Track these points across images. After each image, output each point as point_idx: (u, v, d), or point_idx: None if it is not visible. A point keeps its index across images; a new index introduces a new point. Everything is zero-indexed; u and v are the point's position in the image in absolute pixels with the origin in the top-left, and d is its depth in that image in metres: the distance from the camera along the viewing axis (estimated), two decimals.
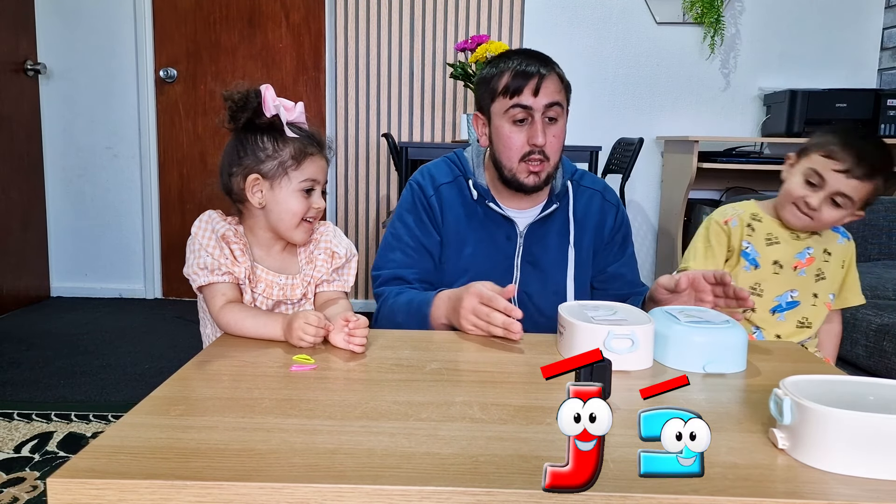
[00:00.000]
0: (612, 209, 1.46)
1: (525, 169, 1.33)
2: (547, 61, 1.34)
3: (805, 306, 1.42)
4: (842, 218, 1.39)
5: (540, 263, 1.40)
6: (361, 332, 1.00)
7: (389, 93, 3.48)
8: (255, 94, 1.09)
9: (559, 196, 1.41)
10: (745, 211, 1.46)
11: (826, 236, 1.46)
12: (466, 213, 1.41)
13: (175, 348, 2.83)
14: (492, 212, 1.40)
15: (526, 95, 1.30)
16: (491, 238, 1.40)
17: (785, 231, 1.44)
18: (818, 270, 1.43)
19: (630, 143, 3.05)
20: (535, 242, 1.40)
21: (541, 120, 1.31)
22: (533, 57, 1.34)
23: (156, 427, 0.71)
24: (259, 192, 1.12)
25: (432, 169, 1.46)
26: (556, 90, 1.31)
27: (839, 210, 1.36)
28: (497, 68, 1.34)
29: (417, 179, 1.45)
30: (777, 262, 1.41)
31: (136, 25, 3.47)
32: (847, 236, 1.49)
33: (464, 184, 1.42)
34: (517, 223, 1.40)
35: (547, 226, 1.41)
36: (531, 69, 1.30)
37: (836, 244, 1.46)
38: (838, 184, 1.34)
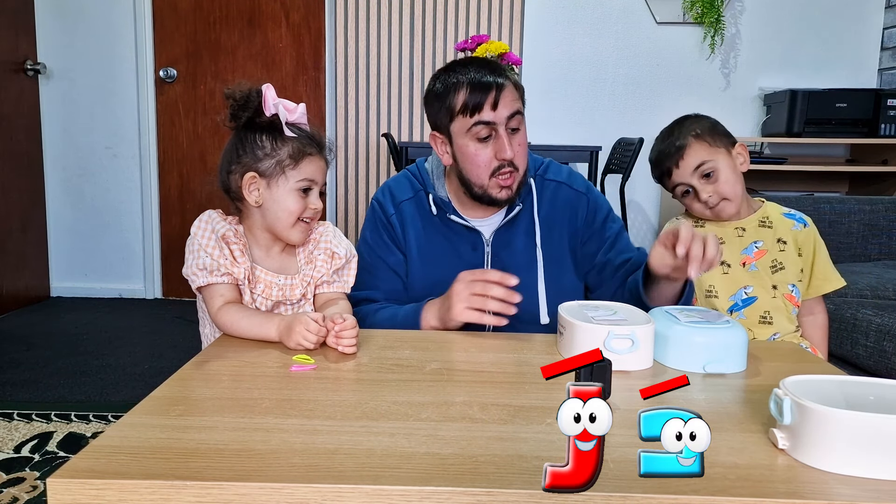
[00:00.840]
0: (580, 198, 1.40)
1: (496, 184, 1.29)
2: (498, 69, 1.29)
3: (764, 300, 1.40)
4: (730, 171, 1.39)
5: (509, 269, 1.32)
6: (348, 333, 1.00)
7: (389, 93, 3.48)
8: (256, 94, 1.10)
9: (521, 196, 1.36)
10: (688, 220, 1.47)
11: (778, 225, 1.43)
12: (429, 228, 1.38)
13: (175, 348, 2.83)
14: (455, 224, 1.36)
15: (486, 111, 1.25)
16: (456, 251, 1.37)
17: (727, 230, 1.43)
18: (773, 261, 1.41)
19: (630, 143, 3.05)
20: (502, 248, 1.37)
21: (505, 133, 1.27)
22: (483, 66, 1.29)
23: (156, 427, 0.71)
24: (256, 190, 1.12)
25: (392, 185, 1.42)
26: (513, 98, 1.27)
27: (718, 173, 1.39)
28: (448, 83, 1.29)
29: (378, 198, 1.41)
30: (724, 262, 1.41)
31: (136, 25, 3.47)
32: (804, 222, 1.45)
33: (424, 198, 1.39)
34: (482, 232, 1.36)
35: (513, 229, 1.37)
36: (487, 80, 1.26)
37: (790, 231, 1.43)
38: (685, 171, 1.40)
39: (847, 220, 2.54)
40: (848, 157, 3.45)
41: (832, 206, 2.54)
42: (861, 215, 2.53)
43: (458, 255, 1.37)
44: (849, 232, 2.56)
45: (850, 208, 2.53)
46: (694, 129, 1.41)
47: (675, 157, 1.40)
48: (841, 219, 2.54)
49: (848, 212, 2.52)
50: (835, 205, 2.55)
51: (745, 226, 1.43)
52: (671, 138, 1.42)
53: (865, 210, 2.53)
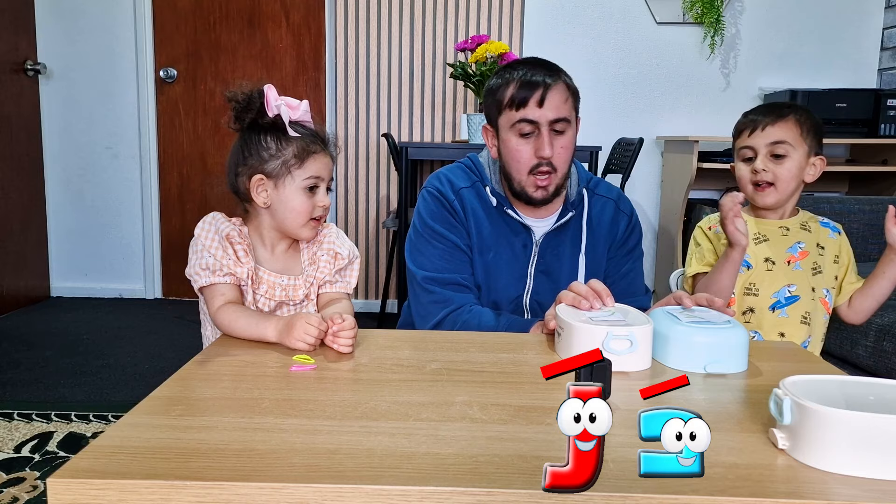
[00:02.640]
0: (624, 218, 1.45)
1: (532, 182, 1.33)
2: (553, 70, 1.32)
3: (805, 301, 1.41)
4: (797, 167, 1.39)
5: (552, 273, 1.39)
6: (346, 333, 1.00)
7: (389, 93, 3.48)
8: (258, 94, 1.10)
9: (574, 204, 1.40)
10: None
11: (816, 231, 1.45)
12: (488, 218, 1.40)
13: (175, 348, 2.83)
14: (510, 219, 1.39)
15: (531, 107, 1.28)
16: (510, 245, 1.39)
17: (772, 228, 1.44)
18: (814, 264, 1.42)
19: (630, 143, 3.05)
20: (549, 251, 1.39)
21: (548, 132, 1.29)
22: (539, 66, 1.32)
23: (156, 427, 0.71)
24: (264, 191, 1.13)
25: (448, 174, 1.44)
26: (561, 100, 1.30)
27: (785, 159, 1.39)
28: (503, 79, 1.33)
29: (435, 185, 1.42)
30: (769, 259, 1.41)
31: (136, 25, 3.47)
32: (838, 230, 1.48)
33: (482, 189, 1.41)
34: (534, 231, 1.39)
35: (561, 235, 1.40)
36: (536, 79, 1.29)
37: (827, 238, 1.46)
38: (762, 139, 1.40)
39: (847, 220, 2.54)
40: (848, 157, 3.44)
41: (832, 206, 2.54)
42: (861, 215, 2.52)
43: (511, 249, 1.39)
44: (848, 232, 2.53)
45: (850, 208, 2.53)
46: (798, 115, 1.41)
47: (765, 122, 1.40)
48: (841, 219, 2.51)
49: (848, 212, 2.52)
50: (835, 205, 2.55)
51: (788, 226, 1.45)
52: (777, 108, 1.43)
53: (865, 210, 2.52)
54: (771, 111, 1.42)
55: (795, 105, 1.45)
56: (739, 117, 1.49)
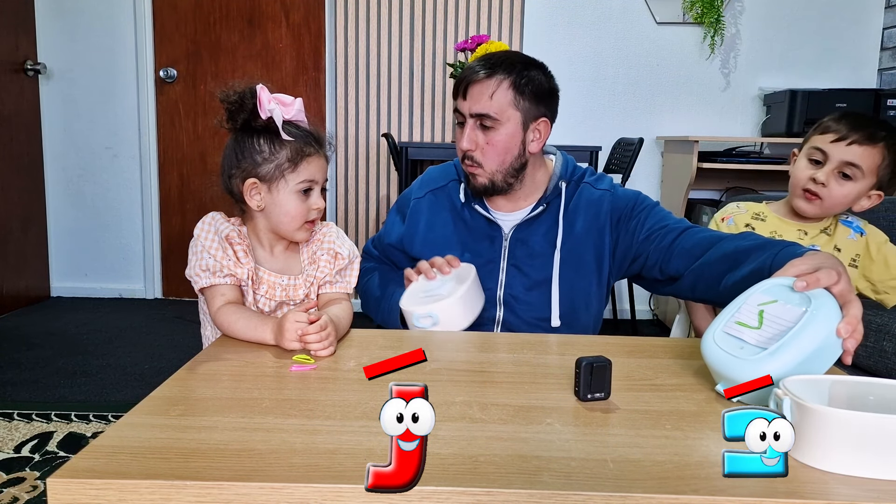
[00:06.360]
0: (603, 195, 1.35)
1: (466, 171, 1.34)
2: (496, 64, 1.25)
3: None
4: (855, 194, 1.34)
5: (523, 266, 1.35)
6: (313, 337, 0.97)
7: (389, 93, 3.48)
8: (250, 94, 1.08)
9: (547, 198, 1.36)
10: (749, 210, 1.45)
11: (836, 234, 1.41)
12: (454, 217, 1.39)
13: (175, 348, 2.83)
14: (477, 215, 1.37)
15: (459, 98, 1.29)
16: (475, 241, 1.37)
17: (790, 229, 1.41)
18: None
19: (630, 143, 3.05)
20: (519, 245, 1.36)
21: (472, 125, 1.27)
22: (487, 58, 1.28)
23: (156, 427, 0.71)
24: (257, 195, 1.11)
25: (433, 171, 1.47)
26: (486, 95, 1.25)
27: (849, 183, 1.33)
28: None
29: (420, 177, 1.48)
30: None
31: (136, 25, 3.47)
32: (860, 231, 1.43)
33: (455, 187, 1.41)
34: (502, 226, 1.37)
35: (532, 228, 1.36)
36: (469, 70, 1.27)
37: (846, 240, 1.41)
38: (840, 153, 1.31)
39: None
40: None
41: None
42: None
43: (477, 245, 1.37)
44: None
45: None
46: (890, 145, 1.32)
47: (854, 138, 1.30)
48: None
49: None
50: None
51: (807, 229, 1.42)
52: (871, 128, 1.32)
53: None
54: (863, 127, 1.31)
55: (891, 131, 1.33)
56: (832, 114, 1.36)
